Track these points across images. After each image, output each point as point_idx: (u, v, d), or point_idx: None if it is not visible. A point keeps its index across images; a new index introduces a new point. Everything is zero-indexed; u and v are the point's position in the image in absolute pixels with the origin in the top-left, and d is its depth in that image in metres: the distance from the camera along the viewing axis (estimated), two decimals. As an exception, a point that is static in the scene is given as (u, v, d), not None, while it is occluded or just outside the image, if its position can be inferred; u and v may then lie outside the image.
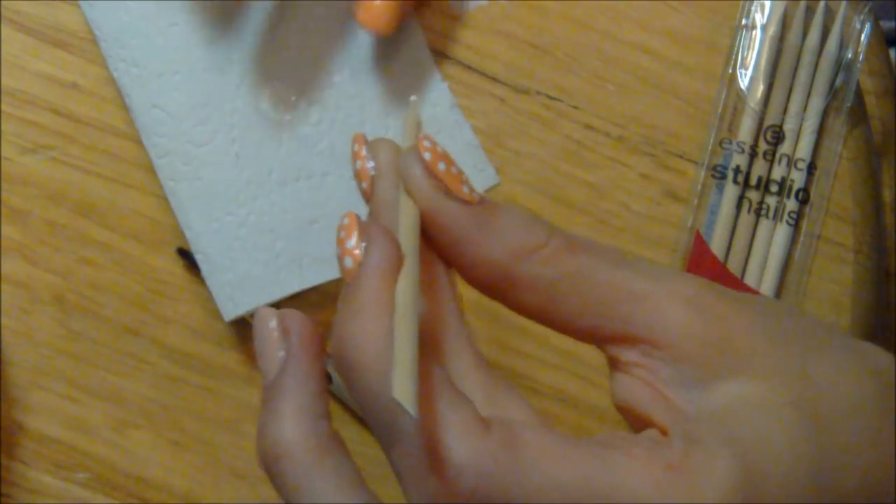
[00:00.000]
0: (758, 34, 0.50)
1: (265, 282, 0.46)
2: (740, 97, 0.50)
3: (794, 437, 0.29)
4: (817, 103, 0.50)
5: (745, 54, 0.50)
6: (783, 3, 0.50)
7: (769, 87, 0.50)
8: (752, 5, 0.50)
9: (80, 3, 0.47)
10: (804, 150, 0.50)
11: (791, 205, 0.50)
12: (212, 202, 0.47)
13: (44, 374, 0.47)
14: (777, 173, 0.50)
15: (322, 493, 0.29)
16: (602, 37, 0.50)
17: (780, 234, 0.50)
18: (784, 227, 0.50)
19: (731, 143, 0.50)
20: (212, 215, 0.46)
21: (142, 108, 0.47)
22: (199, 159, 0.47)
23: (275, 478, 0.30)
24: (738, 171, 0.50)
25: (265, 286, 0.46)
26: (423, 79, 0.49)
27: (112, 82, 0.47)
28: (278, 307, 0.32)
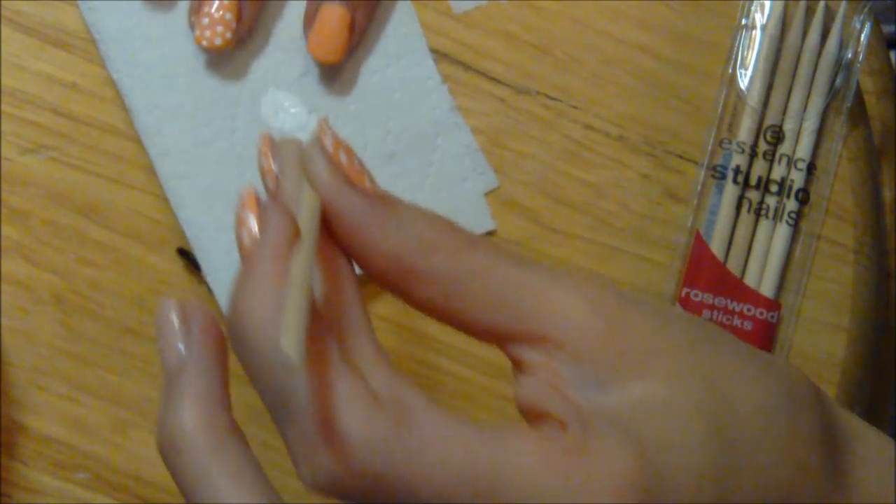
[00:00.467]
0: (758, 34, 0.50)
1: (265, 282, 0.46)
2: (740, 97, 0.50)
3: (697, 438, 0.29)
4: (817, 103, 0.50)
5: (745, 54, 0.50)
6: (783, 3, 0.50)
7: (769, 87, 0.50)
8: (752, 5, 0.50)
9: (80, 6, 0.47)
10: (804, 150, 0.50)
11: (791, 205, 0.50)
12: (212, 202, 0.47)
13: (44, 374, 0.47)
14: (777, 173, 0.50)
15: (219, 485, 0.29)
16: (602, 37, 0.50)
17: (780, 235, 0.50)
18: (784, 228, 0.50)
19: (730, 143, 0.50)
20: (212, 215, 0.47)
21: (142, 108, 0.47)
22: (200, 159, 0.47)
23: (173, 468, 0.29)
24: (737, 171, 0.50)
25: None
26: (423, 81, 0.49)
27: (112, 82, 0.47)
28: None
